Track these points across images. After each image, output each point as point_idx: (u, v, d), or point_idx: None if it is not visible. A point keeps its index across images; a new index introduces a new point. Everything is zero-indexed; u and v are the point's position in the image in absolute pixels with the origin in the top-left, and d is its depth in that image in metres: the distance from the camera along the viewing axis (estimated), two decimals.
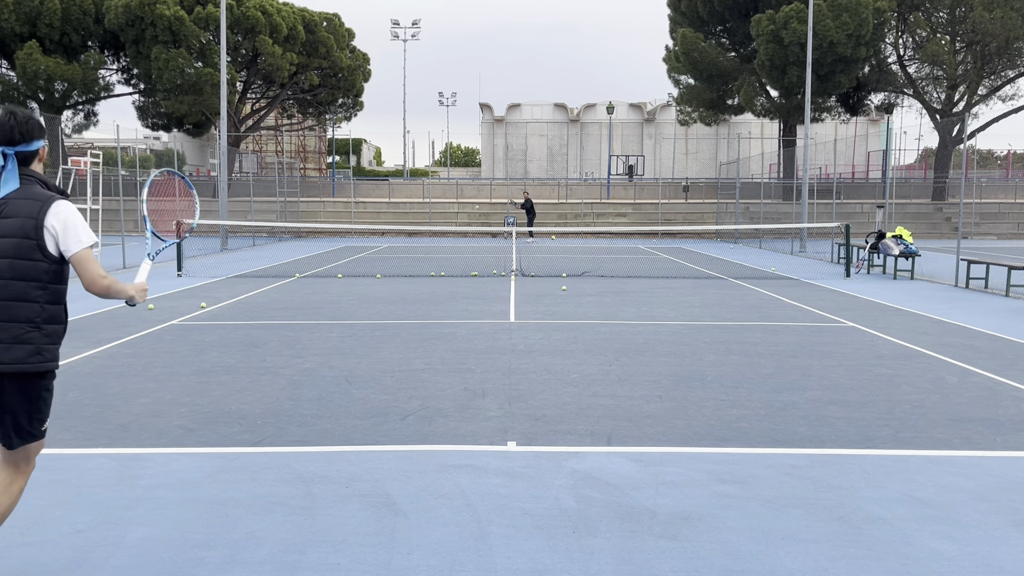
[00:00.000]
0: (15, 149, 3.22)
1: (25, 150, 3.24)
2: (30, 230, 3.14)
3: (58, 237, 3.16)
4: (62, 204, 3.21)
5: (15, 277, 3.15)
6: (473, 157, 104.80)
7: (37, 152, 3.28)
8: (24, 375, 3.18)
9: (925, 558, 3.82)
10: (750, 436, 5.73)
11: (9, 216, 3.17)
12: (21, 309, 3.16)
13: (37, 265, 3.16)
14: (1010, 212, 38.49)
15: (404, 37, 66.34)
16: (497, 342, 9.29)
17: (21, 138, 3.23)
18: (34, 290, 3.18)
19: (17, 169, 3.23)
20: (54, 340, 3.27)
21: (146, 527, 4.12)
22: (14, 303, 3.15)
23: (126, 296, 3.40)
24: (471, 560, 3.76)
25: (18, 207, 3.18)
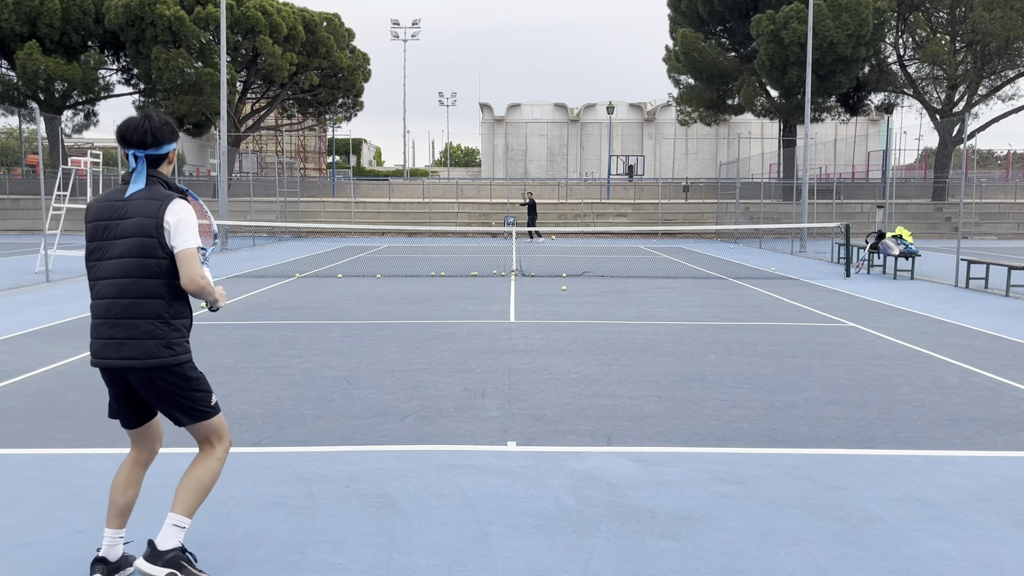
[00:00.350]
0: (146, 152, 3.33)
1: (155, 153, 3.35)
2: (151, 228, 3.25)
3: (170, 235, 3.26)
4: (180, 203, 3.31)
5: (142, 275, 3.27)
6: (473, 157, 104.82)
7: (167, 156, 3.40)
8: (158, 368, 3.29)
9: (925, 558, 3.82)
10: (750, 436, 5.73)
11: (132, 216, 3.28)
12: (150, 306, 3.28)
13: (160, 262, 3.27)
14: (1010, 212, 38.49)
15: (404, 37, 66.34)
16: (497, 342, 9.29)
17: (153, 141, 3.33)
18: (160, 287, 3.29)
19: (146, 171, 3.34)
20: (183, 334, 3.39)
21: (146, 527, 4.12)
22: (143, 300, 3.27)
23: (213, 298, 3.47)
24: (471, 560, 3.76)
25: (140, 207, 3.28)
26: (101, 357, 3.32)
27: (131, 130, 3.31)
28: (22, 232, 36.25)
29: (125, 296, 3.27)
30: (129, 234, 3.27)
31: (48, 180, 32.04)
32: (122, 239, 3.28)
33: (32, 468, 5.00)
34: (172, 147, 3.41)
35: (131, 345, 3.27)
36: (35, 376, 7.45)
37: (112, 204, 3.34)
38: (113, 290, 3.28)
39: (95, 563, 3.42)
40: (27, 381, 7.25)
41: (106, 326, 3.30)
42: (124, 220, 3.29)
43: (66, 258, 19.08)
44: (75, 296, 13.36)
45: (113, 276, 3.28)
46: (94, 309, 3.36)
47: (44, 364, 7.96)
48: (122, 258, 3.27)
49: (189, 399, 3.39)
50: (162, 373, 3.30)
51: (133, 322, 3.27)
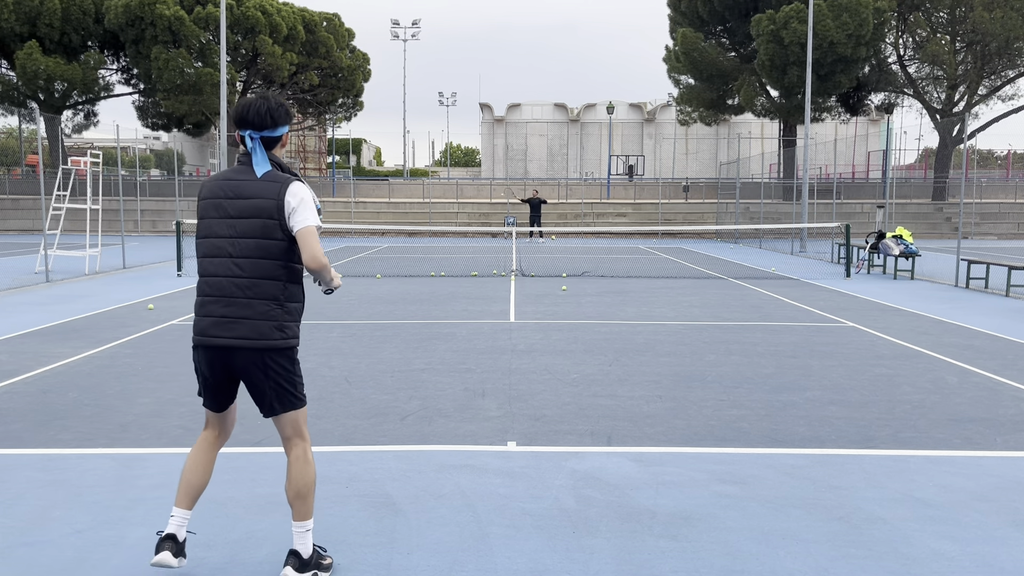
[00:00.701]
0: (261, 134, 3.34)
1: (270, 135, 3.36)
2: (272, 210, 3.25)
3: (291, 215, 3.26)
4: (299, 184, 3.33)
5: (261, 256, 3.26)
6: (473, 157, 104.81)
7: (280, 138, 3.41)
8: (269, 350, 3.29)
9: (925, 558, 3.82)
10: (750, 436, 5.73)
11: (251, 196, 3.28)
12: (266, 287, 3.28)
13: (279, 244, 3.27)
14: (1010, 212, 38.48)
15: (404, 37, 66.35)
16: (497, 342, 9.29)
17: (272, 123, 3.35)
18: (277, 269, 3.29)
19: (265, 153, 3.34)
20: (295, 317, 3.38)
21: (146, 527, 4.12)
22: (260, 281, 3.27)
23: (331, 277, 3.45)
24: (471, 560, 3.76)
25: (259, 187, 3.29)
26: (210, 335, 3.30)
27: (251, 111, 3.33)
28: (22, 232, 36.25)
29: (242, 276, 3.26)
30: (248, 214, 3.26)
31: (48, 180, 32.05)
32: (240, 219, 3.27)
33: (32, 468, 5.00)
34: (286, 129, 3.42)
35: (245, 325, 3.25)
36: (35, 376, 7.45)
37: (229, 183, 3.32)
38: (229, 269, 3.27)
39: (164, 540, 3.42)
40: (27, 381, 7.25)
41: (219, 304, 3.28)
42: (242, 200, 3.28)
43: (66, 258, 19.08)
44: (75, 296, 13.36)
45: (229, 255, 3.28)
46: (204, 287, 3.33)
47: (44, 364, 7.96)
48: (241, 238, 3.27)
49: (291, 384, 3.39)
50: (273, 355, 3.30)
51: (249, 302, 3.26)
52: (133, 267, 18.81)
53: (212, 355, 3.35)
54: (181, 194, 33.21)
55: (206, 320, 3.31)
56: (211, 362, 3.37)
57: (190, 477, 3.50)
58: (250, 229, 3.26)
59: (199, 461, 3.53)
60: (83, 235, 19.02)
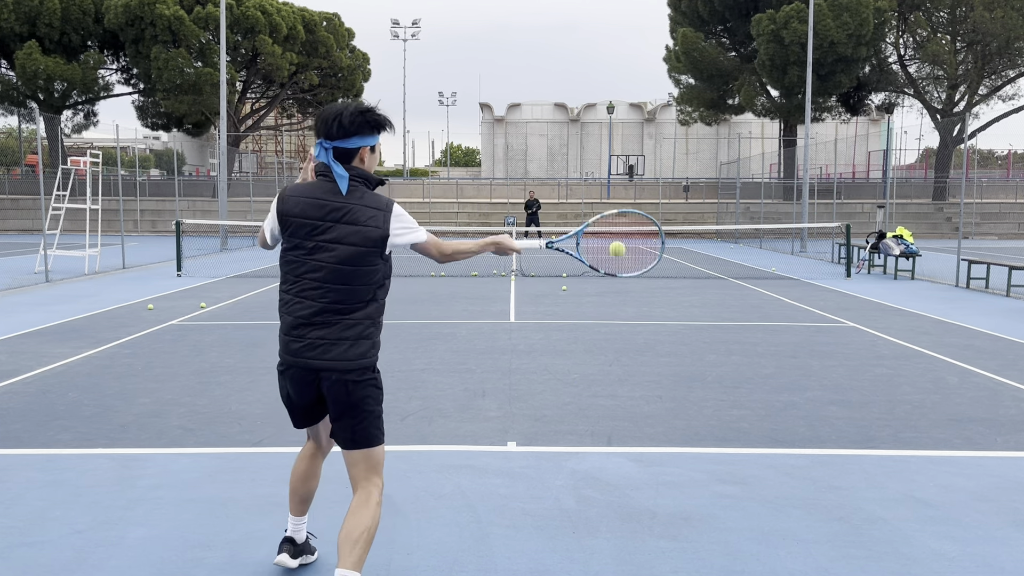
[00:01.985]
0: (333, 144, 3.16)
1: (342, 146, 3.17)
2: (378, 239, 3.16)
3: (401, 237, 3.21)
4: (398, 209, 3.24)
5: (361, 283, 3.20)
6: (473, 157, 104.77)
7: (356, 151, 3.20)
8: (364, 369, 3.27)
9: (926, 558, 3.82)
10: (750, 436, 5.73)
11: (351, 223, 3.15)
12: (363, 310, 3.24)
13: (379, 269, 3.24)
14: (1011, 212, 38.48)
15: (404, 37, 66.36)
16: (497, 342, 9.28)
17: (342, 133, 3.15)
18: (375, 289, 3.26)
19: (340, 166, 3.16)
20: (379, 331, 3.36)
21: (146, 527, 4.12)
22: (357, 305, 3.22)
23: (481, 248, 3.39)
24: (471, 560, 3.76)
25: (360, 214, 3.15)
26: (305, 358, 3.20)
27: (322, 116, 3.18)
28: (21, 232, 36.25)
29: (340, 301, 3.18)
30: (350, 242, 3.14)
31: (47, 180, 32.05)
32: (340, 244, 3.15)
33: (32, 468, 5.00)
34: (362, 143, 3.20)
35: (341, 348, 3.19)
36: (35, 376, 7.45)
37: (323, 203, 3.16)
38: (327, 294, 3.17)
39: (283, 543, 3.61)
40: (27, 381, 7.25)
41: (313, 328, 3.18)
42: (341, 225, 3.14)
43: (66, 258, 19.08)
44: (75, 296, 13.35)
45: (325, 280, 3.17)
46: (296, 307, 3.22)
47: (44, 364, 7.96)
48: (340, 265, 3.15)
49: (376, 413, 3.33)
50: (366, 374, 3.26)
51: (345, 325, 3.20)
52: (133, 267, 18.81)
53: (301, 377, 3.26)
54: (181, 194, 33.21)
55: (299, 343, 3.21)
56: (300, 384, 3.28)
57: (297, 487, 3.60)
58: (351, 257, 3.15)
59: (304, 472, 3.60)
60: (83, 235, 19.01)
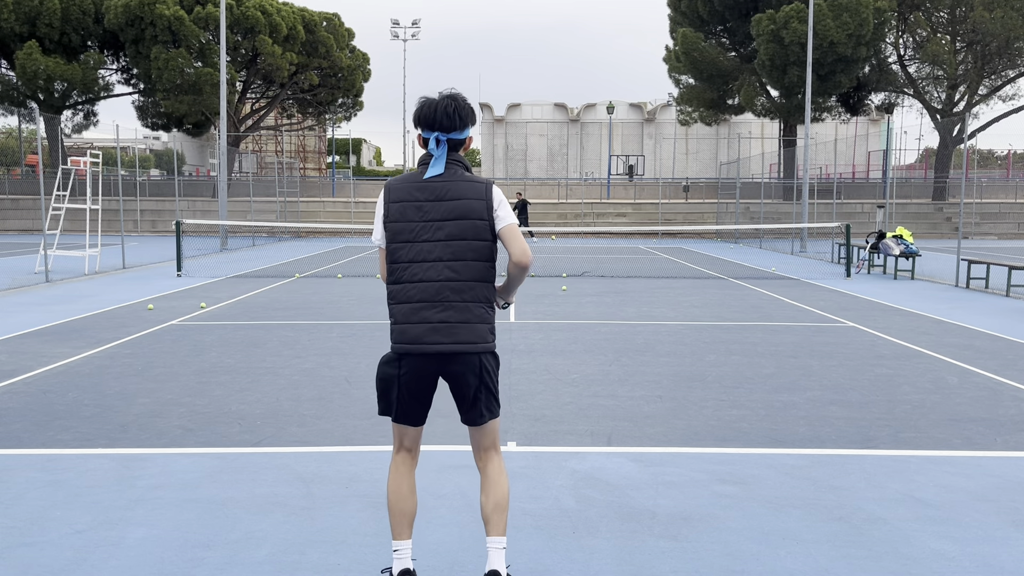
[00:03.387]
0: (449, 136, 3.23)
1: (457, 137, 3.26)
2: (483, 210, 3.17)
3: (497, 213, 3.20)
4: (496, 187, 3.28)
5: (475, 258, 3.18)
6: (473, 157, 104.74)
7: (465, 140, 3.30)
8: (489, 353, 3.26)
9: (926, 558, 3.82)
10: (750, 436, 5.73)
11: (456, 197, 3.17)
12: (481, 289, 3.21)
13: (491, 245, 3.21)
14: (1010, 212, 38.47)
15: (404, 37, 66.36)
16: (497, 342, 9.27)
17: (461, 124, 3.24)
18: (488, 270, 3.23)
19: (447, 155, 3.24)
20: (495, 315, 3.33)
21: (146, 527, 4.12)
22: (475, 283, 3.19)
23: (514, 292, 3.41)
24: (471, 560, 3.76)
25: (464, 188, 3.18)
26: (428, 342, 3.17)
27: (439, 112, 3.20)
28: (22, 232, 36.24)
29: (458, 279, 3.16)
30: (457, 215, 3.15)
31: (48, 180, 32.05)
32: (448, 220, 3.15)
33: (32, 468, 5.00)
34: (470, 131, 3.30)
35: (465, 329, 3.16)
36: (35, 376, 7.45)
37: (423, 185, 3.20)
38: (442, 272, 3.15)
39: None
40: (27, 381, 7.25)
41: (434, 310, 3.15)
42: (446, 201, 3.17)
43: (66, 258, 19.07)
44: (75, 296, 13.35)
45: (439, 259, 3.16)
46: (413, 292, 3.19)
47: (44, 364, 7.96)
48: (452, 240, 3.15)
49: (497, 389, 3.33)
50: (490, 358, 3.26)
51: (466, 305, 3.17)
52: (133, 267, 18.81)
53: (424, 363, 3.22)
54: (181, 194, 33.21)
55: (422, 327, 3.17)
56: (420, 371, 3.24)
57: (404, 506, 3.36)
58: (462, 231, 3.15)
59: (408, 488, 3.40)
60: (83, 235, 19.01)
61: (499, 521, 3.30)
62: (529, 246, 3.89)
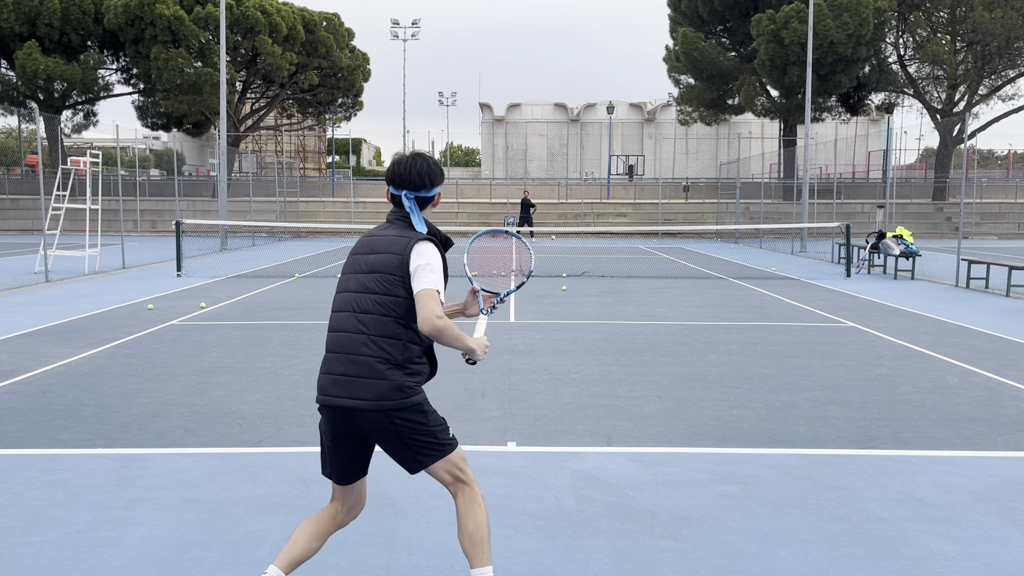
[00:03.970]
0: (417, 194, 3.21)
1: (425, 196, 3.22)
2: (397, 266, 3.07)
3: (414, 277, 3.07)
4: (428, 245, 3.13)
5: (383, 313, 3.07)
6: (473, 157, 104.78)
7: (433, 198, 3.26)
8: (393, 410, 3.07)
9: (926, 558, 3.82)
10: (750, 436, 5.73)
11: (380, 251, 3.14)
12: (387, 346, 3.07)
13: (401, 302, 3.07)
14: (1010, 212, 38.48)
15: (404, 37, 66.32)
16: (497, 342, 9.28)
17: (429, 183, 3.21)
18: (397, 326, 3.08)
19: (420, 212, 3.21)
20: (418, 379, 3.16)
21: (146, 527, 4.12)
22: (380, 339, 3.07)
23: (464, 346, 3.18)
24: None
25: (388, 243, 3.14)
26: (331, 395, 3.10)
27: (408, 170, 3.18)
28: (21, 232, 36.24)
29: (364, 332, 3.07)
30: (374, 269, 3.11)
31: (47, 180, 32.04)
32: (366, 273, 3.13)
33: (32, 468, 5.00)
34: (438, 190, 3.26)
35: (365, 385, 3.04)
36: (35, 376, 7.45)
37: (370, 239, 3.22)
38: (352, 324, 3.09)
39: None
40: (27, 381, 7.25)
41: (339, 362, 3.09)
42: (373, 254, 3.15)
43: (66, 258, 19.07)
44: (75, 296, 13.35)
45: (352, 310, 3.11)
46: (328, 342, 3.17)
47: (44, 364, 7.96)
48: (362, 293, 3.11)
49: (429, 434, 3.15)
50: (403, 414, 3.08)
51: (366, 360, 3.05)
52: (133, 267, 18.81)
53: (334, 416, 3.14)
54: (181, 194, 33.21)
55: (327, 378, 3.12)
56: (334, 425, 3.16)
57: (298, 545, 3.21)
58: (373, 284, 3.09)
59: (313, 533, 3.24)
60: (83, 235, 19.01)
61: (477, 554, 3.22)
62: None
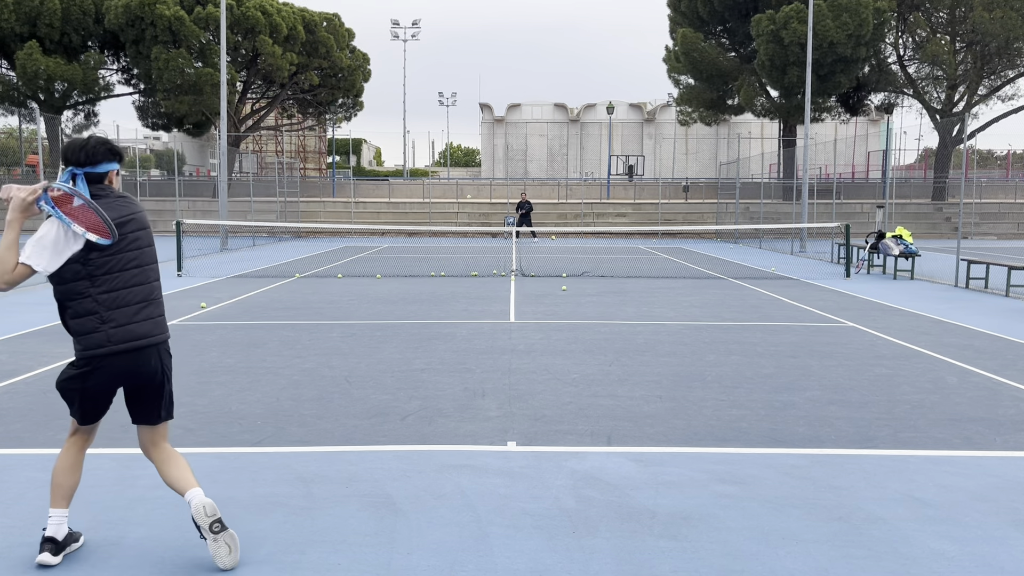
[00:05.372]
0: (84, 170, 3.74)
1: (92, 171, 3.76)
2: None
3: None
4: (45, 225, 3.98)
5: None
6: (473, 157, 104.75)
7: (106, 175, 3.80)
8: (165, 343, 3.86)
9: (925, 558, 3.82)
10: (750, 436, 5.73)
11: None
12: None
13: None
14: (1010, 212, 38.49)
15: (404, 37, 66.35)
16: (497, 342, 9.29)
17: (87, 160, 3.73)
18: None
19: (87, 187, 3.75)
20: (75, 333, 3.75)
21: (146, 527, 4.12)
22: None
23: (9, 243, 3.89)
24: (471, 560, 3.76)
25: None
26: (147, 336, 3.71)
27: (70, 150, 3.72)
28: (21, 232, 36.18)
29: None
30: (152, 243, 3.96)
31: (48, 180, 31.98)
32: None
33: (32, 468, 5.00)
34: (111, 167, 3.79)
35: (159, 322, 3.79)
36: (35, 376, 7.45)
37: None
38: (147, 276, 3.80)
39: (45, 542, 3.68)
40: (27, 381, 7.25)
41: (152, 306, 3.76)
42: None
43: None
44: None
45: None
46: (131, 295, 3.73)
47: (44, 364, 7.96)
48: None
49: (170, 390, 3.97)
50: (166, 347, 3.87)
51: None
52: None
53: (135, 359, 3.78)
54: (181, 194, 33.22)
55: (146, 324, 3.79)
56: (131, 367, 3.79)
57: (64, 480, 3.76)
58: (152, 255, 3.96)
59: (72, 465, 3.80)
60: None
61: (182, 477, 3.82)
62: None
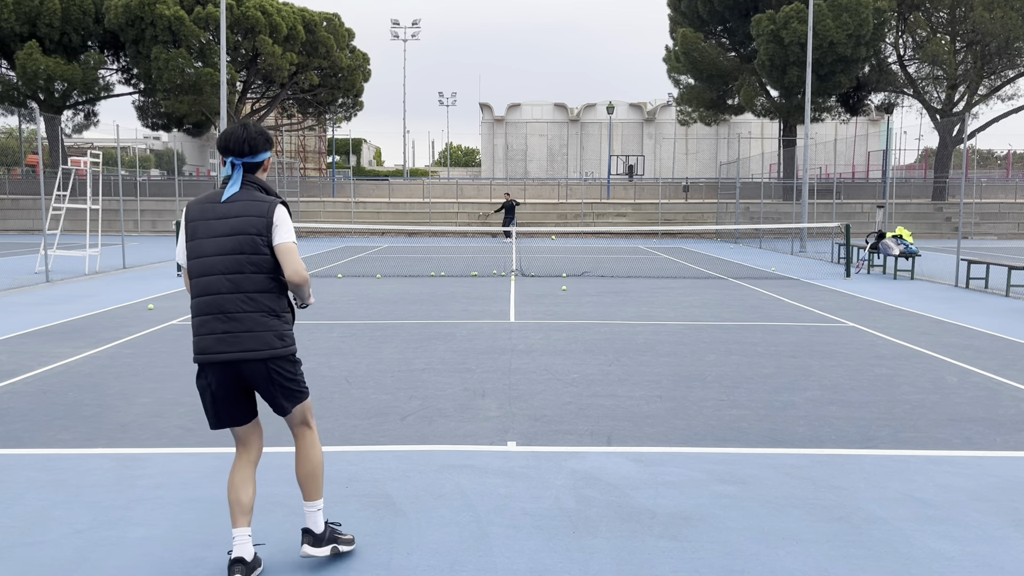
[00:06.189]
0: (243, 160, 3.55)
1: (251, 161, 3.56)
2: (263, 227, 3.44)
3: (276, 230, 3.46)
4: (282, 207, 3.54)
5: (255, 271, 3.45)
6: (473, 157, 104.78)
7: (262, 163, 3.61)
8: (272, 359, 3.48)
9: (925, 558, 3.82)
10: (750, 436, 5.73)
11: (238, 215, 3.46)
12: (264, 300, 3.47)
13: (269, 259, 3.47)
14: (1010, 212, 38.49)
15: (404, 37, 66.34)
16: (497, 342, 9.29)
17: (249, 151, 3.54)
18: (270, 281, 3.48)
19: (242, 177, 3.55)
20: (291, 325, 3.59)
21: (146, 527, 4.12)
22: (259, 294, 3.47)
23: (308, 296, 3.62)
24: (471, 560, 3.76)
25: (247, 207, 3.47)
26: (215, 351, 3.44)
27: (231, 140, 3.53)
28: (22, 232, 36.24)
29: (238, 291, 3.43)
30: (237, 231, 3.43)
31: (48, 180, 32.05)
32: (229, 236, 3.44)
33: (32, 468, 5.00)
34: (267, 155, 3.59)
35: (249, 337, 3.43)
36: (35, 376, 7.45)
37: (216, 206, 3.51)
38: (224, 285, 3.43)
39: (234, 564, 3.49)
40: (27, 381, 7.25)
41: (219, 321, 3.44)
42: (230, 219, 3.46)
43: (66, 258, 19.08)
44: (75, 296, 13.36)
45: (222, 273, 3.44)
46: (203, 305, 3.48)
47: (44, 364, 7.96)
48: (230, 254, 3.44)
49: (295, 383, 3.58)
50: (280, 363, 3.50)
51: (249, 315, 3.44)
52: (133, 267, 18.81)
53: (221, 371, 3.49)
54: (181, 194, 33.22)
55: (209, 338, 3.45)
56: (222, 378, 3.50)
57: (238, 497, 3.58)
58: (239, 246, 3.43)
59: (241, 481, 3.61)
60: (83, 235, 19.02)
61: (311, 487, 3.66)
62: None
